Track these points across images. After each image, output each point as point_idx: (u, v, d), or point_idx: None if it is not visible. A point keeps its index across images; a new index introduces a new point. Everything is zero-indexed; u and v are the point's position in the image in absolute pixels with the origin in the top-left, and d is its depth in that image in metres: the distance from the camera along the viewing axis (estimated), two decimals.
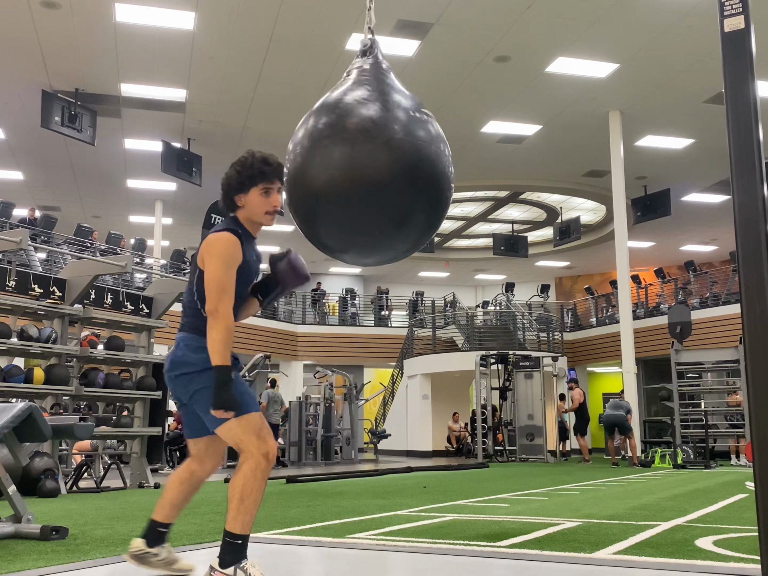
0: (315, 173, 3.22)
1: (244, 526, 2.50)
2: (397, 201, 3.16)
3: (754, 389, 2.16)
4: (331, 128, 3.24)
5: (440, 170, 3.28)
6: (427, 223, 3.39)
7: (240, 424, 2.51)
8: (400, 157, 3.15)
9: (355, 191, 3.13)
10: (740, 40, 2.28)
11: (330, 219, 3.29)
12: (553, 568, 3.11)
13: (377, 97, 3.28)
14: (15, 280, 7.93)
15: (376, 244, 3.41)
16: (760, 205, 2.21)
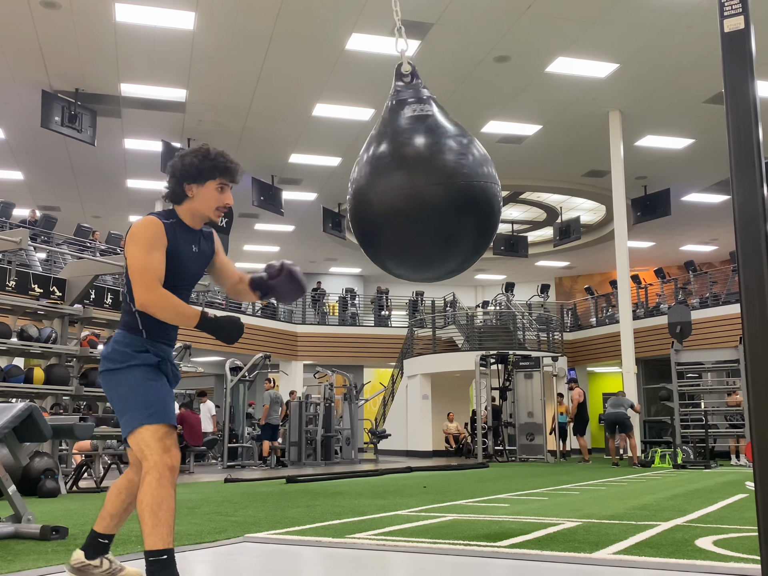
0: (375, 203, 3.57)
1: (166, 539, 2.32)
2: (449, 223, 3.48)
3: (754, 389, 2.16)
4: (389, 157, 3.57)
5: (489, 193, 3.59)
6: (476, 242, 3.69)
7: (149, 430, 2.39)
8: (450, 184, 3.48)
9: (412, 215, 3.46)
10: (740, 41, 2.28)
11: (389, 240, 3.62)
12: (553, 568, 3.11)
13: (426, 126, 3.62)
14: (15, 280, 7.94)
15: (429, 263, 3.71)
16: (760, 205, 2.21)
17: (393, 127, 3.67)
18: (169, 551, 2.32)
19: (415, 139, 3.57)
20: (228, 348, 17.86)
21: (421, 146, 3.54)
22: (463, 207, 3.45)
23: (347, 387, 15.75)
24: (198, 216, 2.61)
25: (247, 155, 15.32)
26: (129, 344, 2.51)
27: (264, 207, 15.83)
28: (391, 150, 3.57)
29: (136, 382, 2.47)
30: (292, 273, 2.73)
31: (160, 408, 2.44)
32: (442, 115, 3.73)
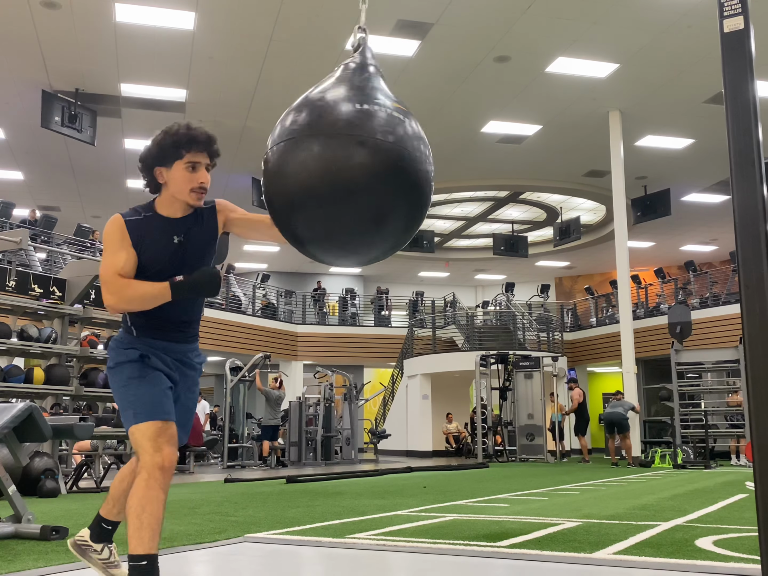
0: (291, 173, 3.19)
1: (147, 544, 2.20)
2: (375, 202, 3.06)
3: (754, 389, 2.16)
4: (307, 127, 3.19)
5: (418, 169, 3.27)
6: (406, 223, 3.32)
7: (139, 430, 2.30)
8: (376, 157, 3.04)
9: (332, 192, 3.02)
10: (740, 41, 2.28)
11: (307, 220, 3.26)
12: (553, 568, 3.11)
13: (355, 96, 3.25)
14: (15, 280, 7.95)
15: (355, 246, 3.36)
16: (760, 205, 2.21)
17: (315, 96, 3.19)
18: (149, 557, 2.20)
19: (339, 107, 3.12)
20: (228, 348, 17.87)
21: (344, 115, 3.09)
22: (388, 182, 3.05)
23: (347, 387, 15.75)
24: (176, 203, 2.43)
25: (247, 155, 15.32)
26: (120, 342, 2.48)
27: (264, 207, 15.81)
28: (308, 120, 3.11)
29: (123, 381, 2.41)
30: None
31: (145, 406, 2.34)
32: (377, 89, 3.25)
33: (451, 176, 16.78)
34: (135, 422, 2.32)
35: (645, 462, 13.26)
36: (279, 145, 3.17)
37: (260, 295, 21.25)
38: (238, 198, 15.58)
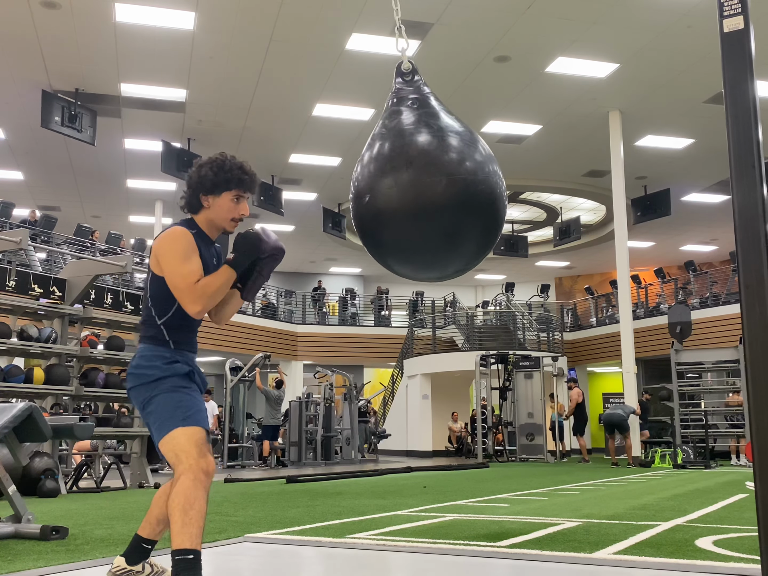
0: (380, 196, 3.51)
1: (193, 540, 2.24)
2: (453, 223, 3.42)
3: (754, 389, 2.15)
4: (393, 155, 3.51)
5: (493, 192, 3.54)
6: (480, 242, 3.63)
7: (186, 433, 2.35)
8: (455, 182, 3.42)
9: (416, 214, 3.40)
10: (740, 41, 2.28)
11: (393, 238, 3.57)
12: (553, 568, 3.11)
13: (429, 124, 3.61)
14: (15, 280, 7.95)
15: (433, 262, 3.65)
16: (760, 205, 2.21)
17: (394, 126, 3.61)
18: (195, 552, 2.24)
19: (418, 137, 3.52)
20: (228, 348, 17.87)
21: (424, 144, 3.49)
22: (467, 206, 3.40)
23: (347, 387, 15.75)
24: (214, 226, 2.59)
25: (247, 155, 15.26)
26: (158, 357, 2.49)
27: (264, 207, 15.83)
28: (392, 149, 3.52)
29: (170, 390, 2.44)
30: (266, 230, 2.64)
31: (195, 413, 2.41)
32: (444, 113, 3.72)
33: None
34: (184, 425, 2.36)
35: (645, 462, 13.26)
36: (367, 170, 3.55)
37: (260, 295, 21.26)
38: None
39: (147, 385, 2.46)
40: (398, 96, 3.76)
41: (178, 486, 2.29)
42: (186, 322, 2.53)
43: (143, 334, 2.56)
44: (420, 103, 3.72)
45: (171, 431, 2.36)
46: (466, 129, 3.66)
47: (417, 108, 3.68)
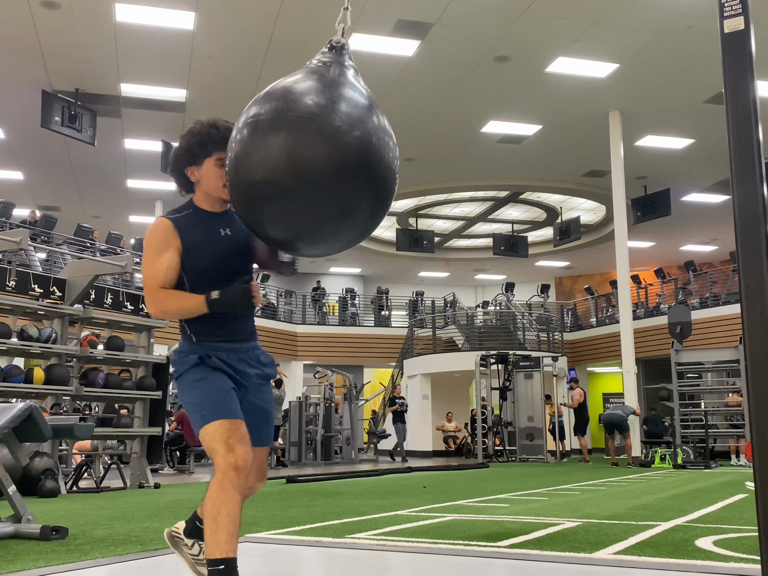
0: (255, 163, 3.18)
1: (225, 547, 2.16)
2: (339, 192, 3.09)
3: (754, 389, 2.15)
4: (272, 117, 3.16)
5: (381, 160, 3.23)
6: (370, 213, 3.30)
7: (208, 432, 2.27)
8: (340, 147, 3.10)
9: (296, 183, 3.08)
10: (740, 41, 2.28)
11: (272, 211, 3.23)
12: (553, 568, 3.11)
13: (324, 88, 3.23)
14: (15, 280, 7.94)
15: (321, 236, 3.35)
16: (760, 205, 2.21)
17: (279, 86, 3.33)
18: (227, 561, 2.15)
19: (303, 99, 3.23)
20: None
21: (307, 106, 3.01)
22: (352, 170, 2.98)
23: (347, 387, 15.75)
24: (211, 200, 2.47)
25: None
26: (181, 351, 2.46)
27: None
28: (271, 108, 3.03)
29: (187, 388, 2.39)
30: None
31: (211, 406, 2.31)
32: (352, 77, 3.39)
33: (451, 176, 16.78)
34: (203, 424, 2.29)
35: (645, 462, 13.25)
36: (243, 134, 3.11)
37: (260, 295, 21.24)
38: None
39: (177, 381, 2.44)
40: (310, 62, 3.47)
41: (208, 491, 2.23)
42: (205, 315, 2.38)
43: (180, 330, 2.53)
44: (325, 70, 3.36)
45: (199, 432, 2.32)
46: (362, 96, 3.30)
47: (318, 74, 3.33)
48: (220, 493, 2.19)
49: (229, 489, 2.19)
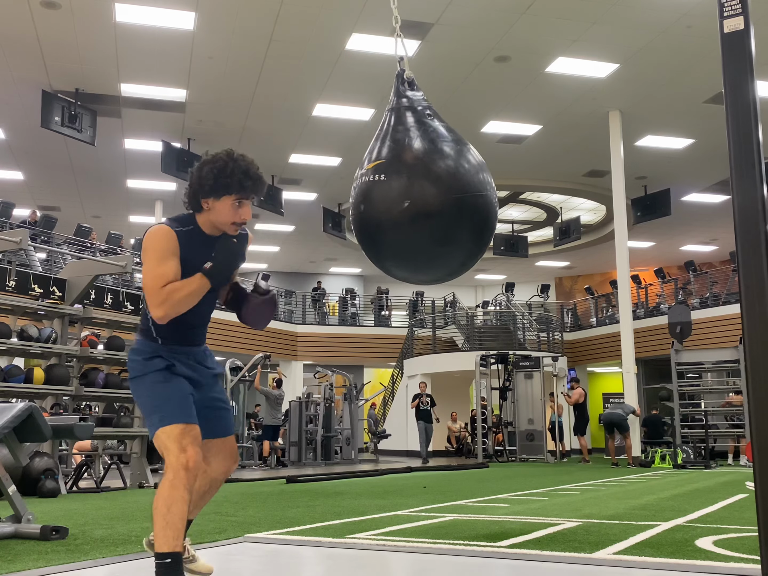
0: (375, 218, 3.73)
1: (172, 543, 2.29)
2: (447, 226, 3.61)
3: (754, 389, 2.15)
4: (388, 163, 3.71)
5: (483, 201, 3.74)
6: (472, 246, 3.83)
7: (164, 432, 2.38)
8: (449, 187, 3.63)
9: (410, 219, 3.60)
10: (740, 41, 2.28)
11: (388, 243, 3.77)
12: (553, 568, 3.11)
13: (419, 136, 3.79)
14: (15, 280, 7.94)
15: (428, 265, 3.88)
16: (760, 205, 2.21)
17: (392, 134, 3.82)
18: (174, 555, 2.29)
19: (413, 146, 3.73)
20: (228, 348, 17.86)
21: (418, 153, 3.69)
22: (459, 213, 3.61)
23: (347, 387, 15.74)
24: (214, 228, 2.52)
25: (247, 155, 15.29)
26: (142, 352, 2.51)
27: (264, 207, 15.83)
28: (389, 157, 3.73)
29: (147, 389, 2.47)
30: (274, 301, 2.74)
31: (170, 410, 2.41)
32: (438, 122, 3.88)
33: None
34: (161, 425, 2.39)
35: (645, 462, 13.25)
36: (364, 197, 3.75)
37: None
38: None
39: (134, 381, 2.51)
40: (397, 105, 3.99)
41: (159, 488, 2.35)
42: (179, 318, 2.45)
43: (139, 327, 2.58)
44: (418, 112, 3.90)
45: (155, 432, 2.41)
46: (456, 137, 3.88)
47: (416, 117, 3.88)
48: (171, 492, 2.31)
49: (180, 488, 2.31)
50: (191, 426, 2.42)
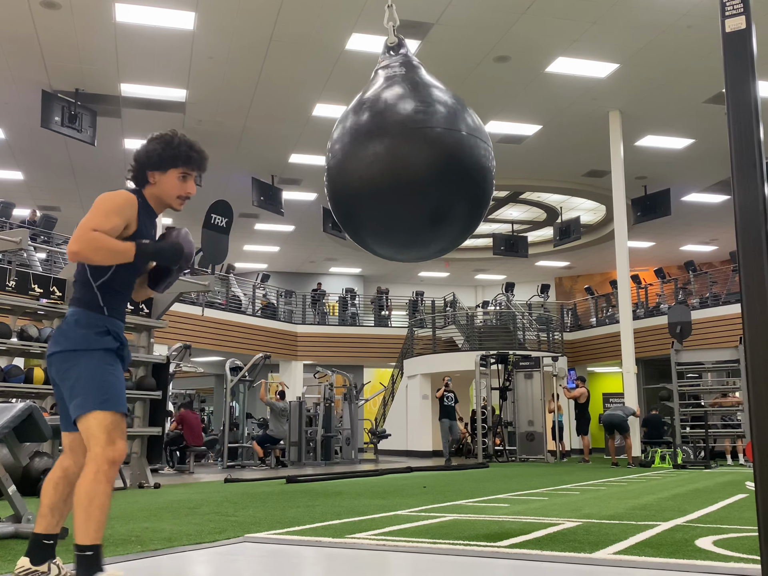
0: (354, 170, 3.21)
1: (93, 535, 2.31)
2: (436, 196, 3.11)
3: (754, 389, 2.15)
4: (369, 125, 3.22)
5: (479, 162, 3.20)
6: (466, 219, 3.30)
7: (97, 418, 2.31)
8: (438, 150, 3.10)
9: (395, 187, 3.10)
10: (741, 41, 2.28)
11: (369, 215, 3.28)
12: (553, 568, 3.11)
13: (413, 93, 3.26)
14: (15, 280, 7.93)
15: (414, 241, 3.35)
16: (760, 205, 2.21)
17: (372, 94, 3.32)
18: (95, 547, 2.32)
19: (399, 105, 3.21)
20: (228, 348, 17.87)
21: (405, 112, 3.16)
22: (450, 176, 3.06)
23: (347, 387, 15.74)
24: (160, 203, 2.57)
25: (247, 155, 15.32)
26: (90, 325, 2.41)
27: (264, 207, 15.83)
28: (370, 117, 3.22)
29: (95, 365, 2.37)
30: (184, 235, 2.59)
31: (115, 395, 2.37)
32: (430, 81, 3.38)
33: None
34: (99, 408, 2.32)
35: (645, 462, 13.25)
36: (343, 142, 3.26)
37: (260, 295, 21.25)
38: (239, 198, 15.59)
39: (72, 353, 2.38)
40: (381, 66, 3.48)
41: (81, 480, 2.31)
42: (123, 287, 2.48)
43: (76, 296, 2.48)
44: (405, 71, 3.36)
45: (88, 412, 2.33)
46: (454, 99, 3.29)
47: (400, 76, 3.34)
48: (94, 485, 2.30)
49: (103, 482, 2.30)
50: (124, 418, 2.40)
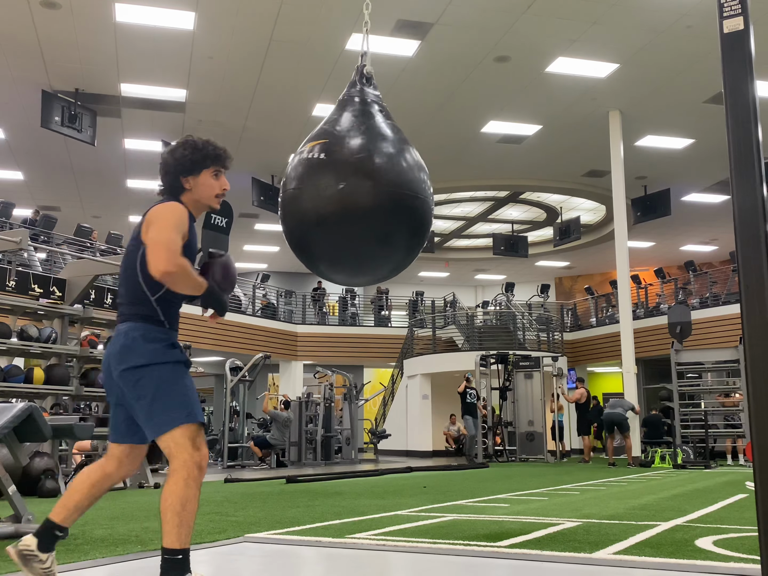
0: (306, 201, 3.57)
1: (183, 540, 2.34)
2: (381, 226, 3.49)
3: (754, 389, 2.16)
4: (320, 158, 3.59)
5: (420, 197, 3.64)
6: (408, 245, 3.69)
7: (185, 429, 2.36)
8: (382, 185, 3.50)
9: (343, 218, 3.45)
10: (740, 41, 2.28)
11: (321, 243, 3.63)
12: (553, 568, 3.11)
13: (363, 129, 3.68)
14: (15, 280, 7.95)
15: (362, 266, 3.72)
16: (760, 205, 2.21)
17: (329, 128, 3.68)
18: (184, 551, 2.35)
19: (350, 141, 3.59)
20: (228, 348, 17.87)
21: (353, 148, 3.55)
22: (393, 210, 3.47)
23: (347, 387, 15.74)
24: (199, 206, 2.63)
25: (247, 155, 15.31)
26: (157, 339, 2.44)
27: (264, 207, 15.83)
28: (323, 149, 3.57)
29: (171, 379, 2.40)
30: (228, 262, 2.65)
31: (196, 408, 2.42)
32: (383, 120, 3.77)
33: (451, 176, 16.78)
34: (187, 421, 2.38)
35: (645, 462, 13.25)
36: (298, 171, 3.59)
37: (260, 295, 21.25)
38: (238, 198, 15.57)
39: (148, 368, 2.38)
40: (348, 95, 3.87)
41: (172, 485, 2.33)
42: (178, 298, 2.51)
43: (133, 312, 2.46)
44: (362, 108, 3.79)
45: (174, 428, 2.36)
46: (399, 136, 3.75)
47: (358, 111, 3.76)
48: (186, 491, 2.32)
49: (193, 487, 2.34)
50: (203, 427, 2.46)
